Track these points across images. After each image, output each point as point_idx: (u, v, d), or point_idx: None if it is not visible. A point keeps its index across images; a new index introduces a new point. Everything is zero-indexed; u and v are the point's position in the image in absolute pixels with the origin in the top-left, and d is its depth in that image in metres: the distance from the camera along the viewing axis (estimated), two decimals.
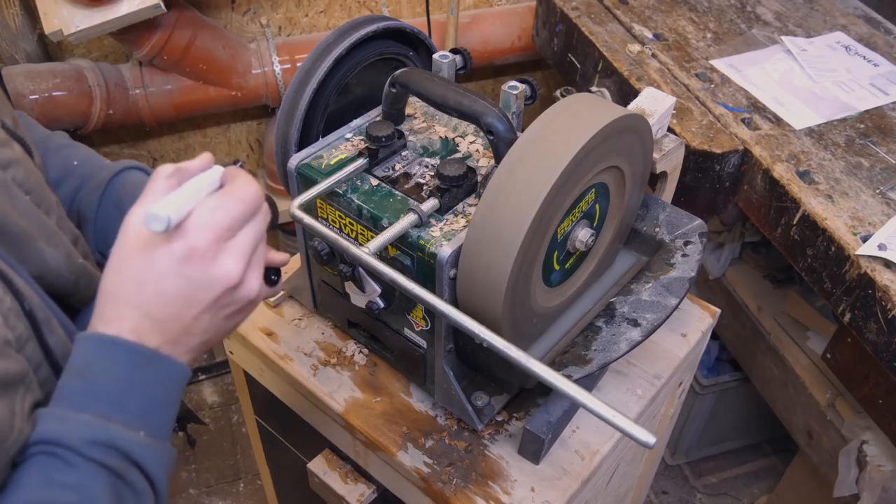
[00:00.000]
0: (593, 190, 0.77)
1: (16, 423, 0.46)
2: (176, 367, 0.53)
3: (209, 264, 0.52)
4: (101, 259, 0.70)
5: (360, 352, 0.98)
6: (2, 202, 0.53)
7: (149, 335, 0.52)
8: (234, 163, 0.57)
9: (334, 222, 0.84)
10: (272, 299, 1.03)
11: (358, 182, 0.82)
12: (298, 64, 1.49)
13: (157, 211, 0.49)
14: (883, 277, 1.03)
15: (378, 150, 0.83)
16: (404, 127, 0.90)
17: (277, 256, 0.69)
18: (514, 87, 0.86)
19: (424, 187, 0.81)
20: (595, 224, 0.81)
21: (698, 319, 1.03)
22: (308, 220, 0.77)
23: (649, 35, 1.52)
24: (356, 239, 0.83)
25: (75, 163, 0.74)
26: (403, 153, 0.86)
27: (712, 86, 1.39)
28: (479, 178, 0.81)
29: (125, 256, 0.52)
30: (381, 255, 0.79)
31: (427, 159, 0.86)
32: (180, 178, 0.54)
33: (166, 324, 0.52)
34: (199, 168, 0.55)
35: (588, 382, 0.91)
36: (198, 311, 0.53)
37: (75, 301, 0.61)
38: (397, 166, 0.84)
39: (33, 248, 0.55)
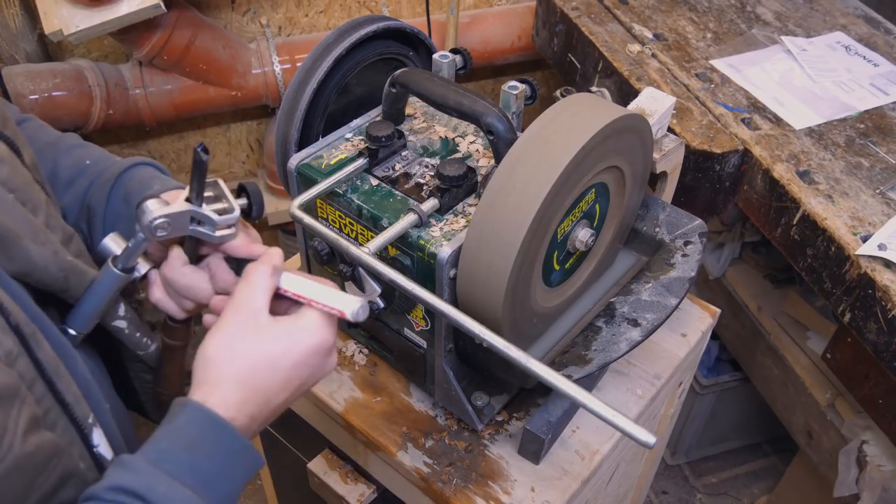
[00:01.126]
0: (593, 190, 0.77)
1: (6, 438, 0.46)
2: (258, 460, 0.56)
3: (329, 356, 0.61)
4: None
5: (360, 352, 0.98)
6: None
7: (246, 414, 0.55)
8: (199, 147, 0.59)
9: (334, 222, 0.84)
10: None
11: (358, 182, 0.82)
12: (298, 64, 1.49)
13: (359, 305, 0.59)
14: (883, 277, 1.03)
15: (378, 150, 0.83)
16: (404, 127, 0.90)
17: None
18: (514, 87, 0.86)
19: (424, 187, 0.81)
20: (595, 224, 0.81)
21: (698, 319, 1.03)
22: (308, 220, 0.77)
23: (649, 35, 1.52)
24: (356, 239, 0.83)
25: (87, 162, 0.74)
26: (403, 153, 0.86)
27: (712, 86, 1.39)
28: (479, 178, 0.81)
29: (242, 336, 0.56)
30: (381, 255, 0.79)
31: (427, 159, 0.86)
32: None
33: (266, 406, 0.56)
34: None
35: (588, 382, 0.91)
36: (292, 394, 0.59)
37: (68, 297, 0.61)
38: (397, 166, 0.84)
39: (18, 246, 0.55)
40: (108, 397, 0.64)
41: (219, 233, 0.66)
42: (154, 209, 0.62)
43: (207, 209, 0.65)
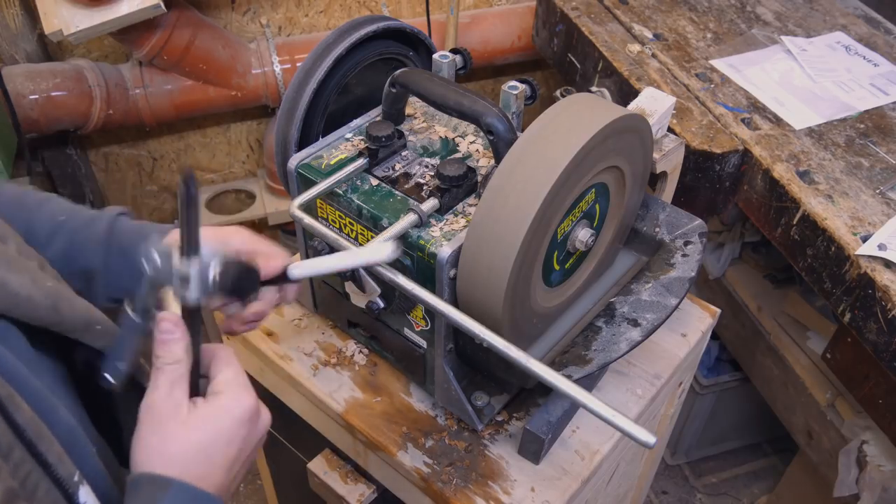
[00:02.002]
0: (593, 190, 0.77)
1: None
2: None
3: (258, 420, 0.60)
4: (112, 305, 0.70)
5: (360, 352, 0.98)
6: None
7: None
8: (185, 177, 0.52)
9: (334, 222, 0.84)
10: None
11: (358, 182, 0.82)
12: (298, 64, 1.50)
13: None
14: (883, 277, 1.03)
15: (378, 150, 0.83)
16: (404, 127, 0.90)
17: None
18: (514, 87, 0.86)
19: (424, 187, 0.81)
20: (595, 224, 0.81)
21: (698, 319, 1.03)
22: (308, 220, 0.77)
23: (649, 35, 1.52)
24: (356, 239, 0.83)
25: (62, 218, 0.72)
26: (403, 153, 0.86)
27: (712, 86, 1.39)
28: (479, 178, 0.81)
29: (170, 435, 0.55)
30: None
31: (427, 159, 0.86)
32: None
33: (215, 489, 0.57)
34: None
35: (588, 382, 0.91)
36: (235, 471, 0.59)
37: (64, 330, 0.59)
38: (397, 166, 0.84)
39: None
40: (95, 440, 0.62)
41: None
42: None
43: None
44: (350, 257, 0.60)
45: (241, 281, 0.59)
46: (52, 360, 0.61)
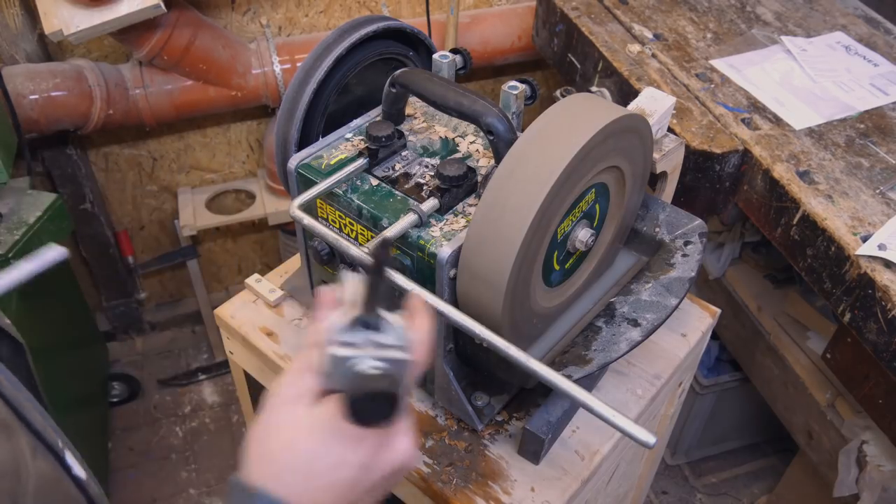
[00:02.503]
0: (593, 190, 0.77)
1: (25, 462, 0.47)
2: None
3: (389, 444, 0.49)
4: None
5: None
6: None
7: None
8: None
9: (334, 222, 0.84)
10: (272, 299, 1.03)
11: (358, 182, 0.82)
12: (298, 64, 1.50)
13: None
14: (883, 277, 1.03)
15: (378, 150, 0.83)
16: (404, 127, 0.90)
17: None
18: (514, 87, 0.86)
19: (424, 187, 0.81)
20: (595, 224, 0.81)
21: (698, 319, 1.03)
22: (308, 220, 0.77)
23: (649, 35, 1.52)
24: (356, 239, 0.83)
25: None
26: (403, 153, 0.86)
27: (712, 86, 1.39)
28: (479, 178, 0.81)
29: (282, 417, 0.48)
30: None
31: (427, 159, 0.86)
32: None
33: None
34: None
35: (588, 382, 0.91)
36: (365, 488, 0.50)
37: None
38: (397, 166, 0.84)
39: None
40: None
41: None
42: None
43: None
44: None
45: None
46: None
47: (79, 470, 0.57)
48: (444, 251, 0.73)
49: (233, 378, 1.27)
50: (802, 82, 1.40)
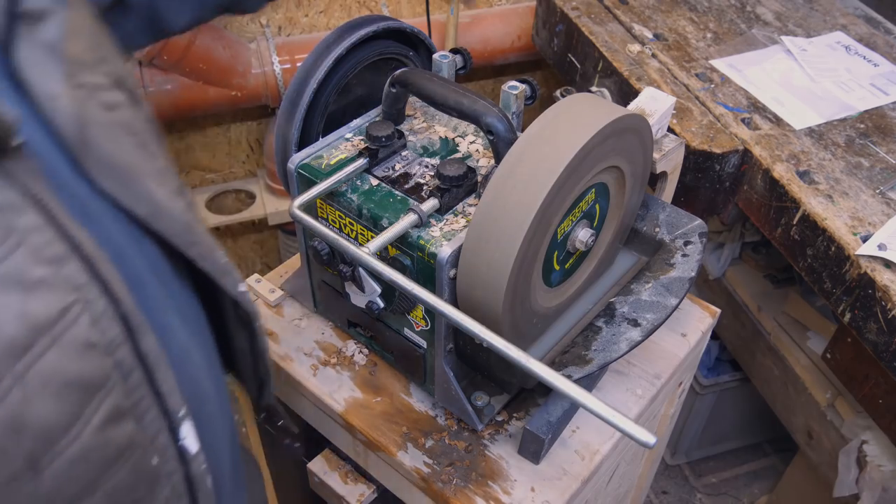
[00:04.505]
0: (593, 190, 0.77)
1: (77, 426, 0.44)
2: None
3: None
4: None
5: (360, 352, 0.98)
6: (107, 141, 0.50)
7: None
8: None
9: (334, 222, 0.84)
10: (272, 299, 1.03)
11: (358, 182, 0.82)
12: (298, 64, 1.50)
13: None
14: (883, 277, 1.03)
15: (378, 150, 0.83)
16: (404, 127, 0.90)
17: None
18: (514, 87, 0.86)
19: (424, 187, 0.81)
20: (595, 224, 0.81)
21: (698, 319, 1.03)
22: (308, 220, 0.77)
23: (649, 35, 1.52)
24: (356, 239, 0.83)
25: None
26: (403, 153, 0.86)
27: (712, 86, 1.39)
28: (479, 178, 0.81)
29: None
30: (381, 255, 0.79)
31: (427, 159, 0.86)
32: None
33: None
34: None
35: (588, 382, 0.91)
36: None
37: (195, 253, 0.57)
38: (397, 166, 0.84)
39: (142, 185, 0.52)
40: (212, 378, 0.63)
41: None
42: None
43: None
44: None
45: None
46: (180, 283, 0.60)
47: (192, 442, 0.55)
48: (444, 251, 0.73)
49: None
50: (802, 82, 1.40)
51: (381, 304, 0.84)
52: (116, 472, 0.48)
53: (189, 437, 0.54)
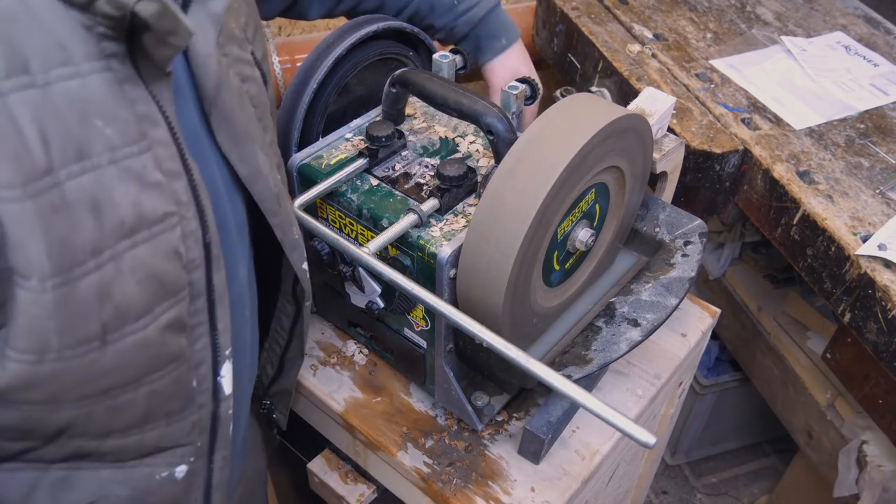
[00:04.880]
0: (593, 190, 0.77)
1: (145, 319, 0.49)
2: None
3: None
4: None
5: (360, 352, 0.98)
6: (234, 104, 0.56)
7: None
8: None
9: (334, 222, 0.84)
10: None
11: (358, 182, 0.82)
12: (298, 64, 1.50)
13: None
14: (883, 277, 1.03)
15: (378, 150, 0.83)
16: (404, 127, 0.90)
17: None
18: (514, 87, 0.86)
19: (424, 187, 0.81)
20: (595, 224, 0.81)
21: (698, 319, 1.03)
22: (308, 220, 0.77)
23: (649, 35, 1.52)
24: (356, 239, 0.83)
25: None
26: (403, 153, 0.86)
27: (712, 86, 1.39)
28: (479, 178, 0.81)
29: None
30: (381, 255, 0.79)
31: (427, 159, 0.86)
32: None
33: None
34: None
35: (588, 382, 0.91)
36: None
37: (277, 223, 0.63)
38: (397, 166, 0.84)
39: (251, 149, 0.59)
40: (252, 339, 0.68)
41: None
42: None
43: None
44: None
45: None
46: (252, 246, 0.66)
47: (227, 382, 0.59)
48: (444, 251, 0.73)
49: None
50: (802, 82, 1.40)
51: (381, 304, 0.84)
52: (161, 378, 0.53)
53: (227, 377, 0.59)
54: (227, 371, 0.58)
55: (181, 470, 0.58)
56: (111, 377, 0.49)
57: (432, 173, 0.83)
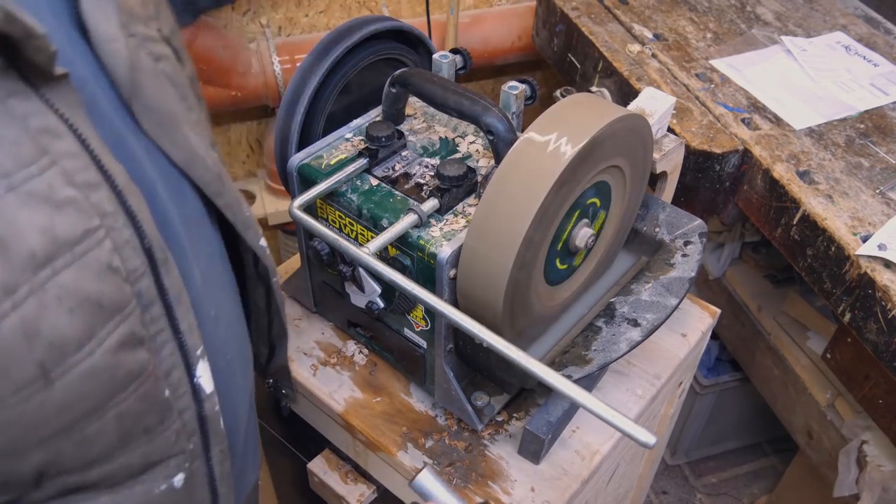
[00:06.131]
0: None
1: (90, 344, 0.45)
2: None
3: None
4: None
5: (360, 352, 0.98)
6: (153, 87, 0.53)
7: None
8: None
9: (334, 222, 0.84)
10: None
11: (358, 182, 0.82)
12: (298, 64, 1.50)
13: None
14: (883, 277, 1.03)
15: (378, 150, 0.83)
16: (404, 127, 0.90)
17: None
18: (514, 87, 0.86)
19: (424, 187, 0.81)
20: (595, 224, 0.81)
21: (698, 319, 1.03)
22: (308, 220, 0.77)
23: (649, 35, 1.52)
24: (356, 239, 0.83)
25: None
26: (403, 153, 0.86)
27: (712, 86, 1.39)
28: (479, 178, 0.81)
29: None
30: (381, 255, 0.79)
31: (427, 159, 0.86)
32: None
33: None
34: None
35: (588, 382, 0.91)
36: None
37: (224, 204, 0.60)
38: (397, 166, 0.84)
39: (181, 131, 0.55)
40: (234, 329, 0.65)
41: None
42: None
43: None
44: None
45: None
46: (209, 232, 0.62)
47: (206, 381, 0.56)
48: (444, 251, 0.73)
49: None
50: (802, 82, 1.40)
51: (381, 304, 0.84)
52: (127, 398, 0.49)
53: (205, 377, 0.56)
54: (203, 370, 0.56)
55: (179, 479, 0.56)
56: (68, 412, 0.46)
57: (432, 173, 0.83)
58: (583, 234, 0.78)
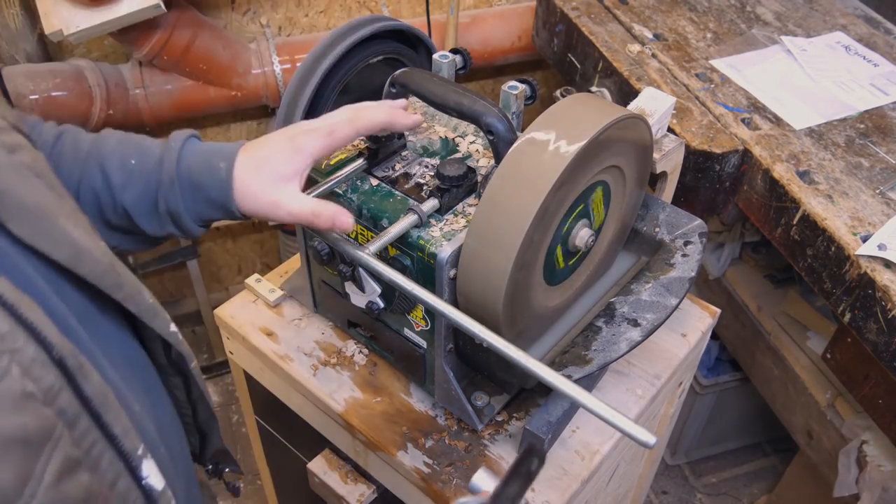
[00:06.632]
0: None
1: (31, 485, 0.41)
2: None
3: None
4: (202, 228, 0.72)
5: (360, 352, 0.98)
6: (15, 184, 0.48)
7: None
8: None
9: None
10: (272, 299, 1.03)
11: (358, 182, 0.82)
12: (298, 64, 1.50)
13: None
14: (883, 277, 1.03)
15: (378, 150, 0.83)
16: None
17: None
18: (514, 87, 0.86)
19: (424, 187, 0.81)
20: (595, 224, 0.81)
21: (698, 319, 1.03)
22: None
23: (649, 35, 1.52)
24: (356, 239, 0.83)
25: (133, 161, 0.70)
26: (403, 153, 0.86)
27: (712, 86, 1.39)
28: (479, 178, 0.81)
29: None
30: (381, 255, 0.79)
31: (427, 159, 0.86)
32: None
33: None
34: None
35: (588, 382, 0.91)
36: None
37: (124, 296, 0.55)
38: (397, 166, 0.84)
39: (58, 226, 0.50)
40: (164, 416, 0.60)
41: None
42: None
43: None
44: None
45: None
46: (111, 327, 0.58)
47: (156, 479, 0.53)
48: (444, 251, 0.73)
49: (233, 378, 1.27)
50: (802, 82, 1.40)
51: (381, 304, 0.84)
52: None
53: (153, 475, 0.52)
54: (149, 468, 0.52)
55: None
56: None
57: (432, 173, 0.83)
58: (582, 235, 0.78)
